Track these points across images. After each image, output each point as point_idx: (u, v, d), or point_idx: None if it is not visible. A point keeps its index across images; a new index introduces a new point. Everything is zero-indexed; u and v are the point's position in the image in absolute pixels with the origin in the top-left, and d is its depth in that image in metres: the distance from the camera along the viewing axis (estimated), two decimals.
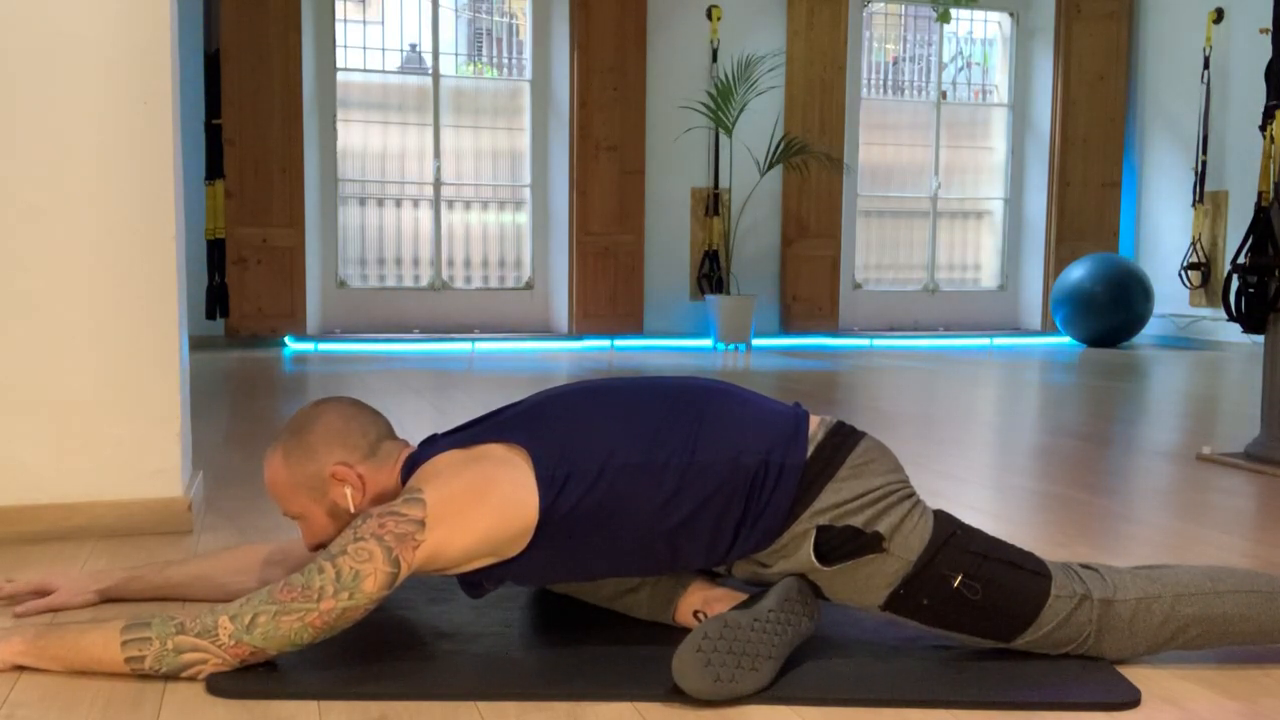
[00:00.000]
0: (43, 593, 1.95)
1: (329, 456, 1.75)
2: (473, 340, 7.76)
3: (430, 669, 1.66)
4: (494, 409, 1.84)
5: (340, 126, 7.79)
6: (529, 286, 8.28)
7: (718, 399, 1.77)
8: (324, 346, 7.42)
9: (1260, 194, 3.65)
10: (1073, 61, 8.80)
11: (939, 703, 1.57)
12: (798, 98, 8.32)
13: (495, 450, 1.69)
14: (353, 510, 1.76)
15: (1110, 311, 7.98)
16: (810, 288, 8.47)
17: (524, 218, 8.28)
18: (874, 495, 1.68)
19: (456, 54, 8.21)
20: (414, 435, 1.87)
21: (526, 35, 8.21)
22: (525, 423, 1.74)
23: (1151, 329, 8.46)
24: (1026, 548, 1.78)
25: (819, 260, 8.48)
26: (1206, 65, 8.18)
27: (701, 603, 1.80)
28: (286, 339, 7.43)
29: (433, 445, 1.77)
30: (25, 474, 2.41)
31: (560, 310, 8.17)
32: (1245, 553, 2.47)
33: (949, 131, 9.15)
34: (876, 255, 9.05)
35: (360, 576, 1.55)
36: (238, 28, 7.13)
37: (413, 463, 1.76)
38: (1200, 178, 8.25)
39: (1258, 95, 4.08)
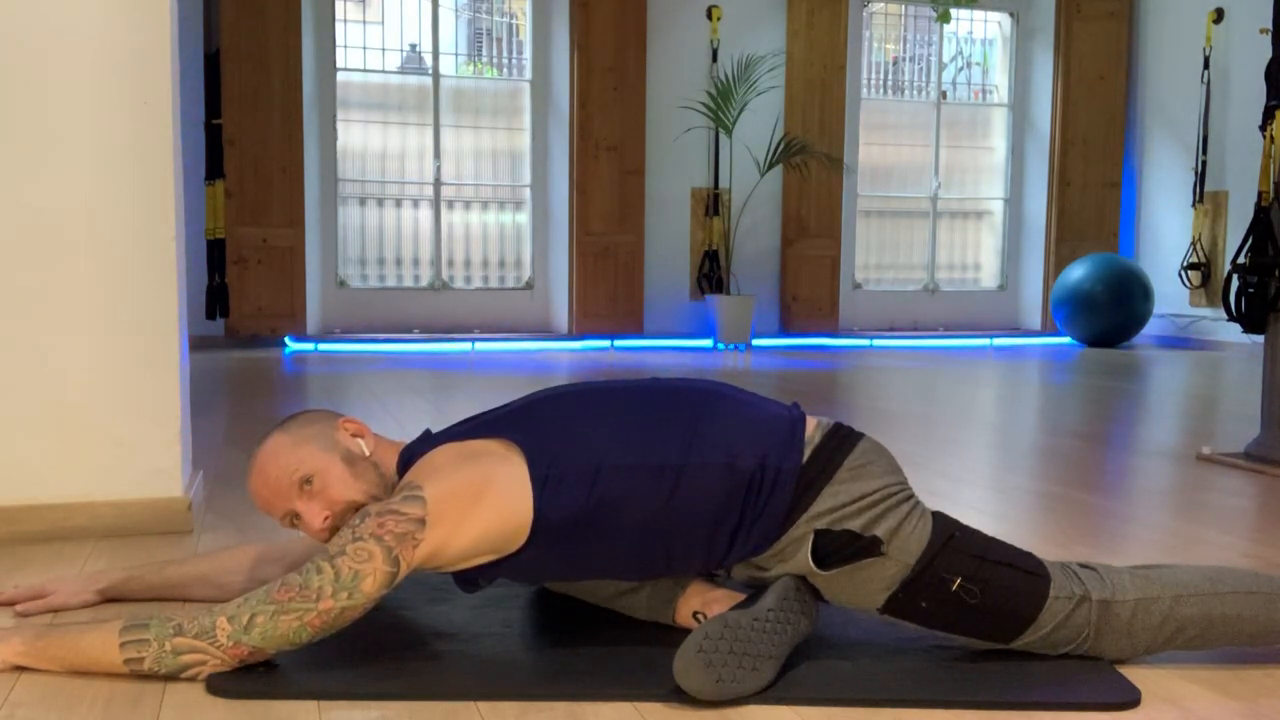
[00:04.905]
0: (41, 597, 1.94)
1: (333, 419, 1.79)
2: (473, 340, 7.76)
3: (430, 669, 1.66)
4: (489, 408, 1.84)
5: (340, 126, 7.78)
6: (529, 286, 8.28)
7: (714, 401, 1.76)
8: (324, 346, 7.42)
9: (1260, 194, 3.65)
10: (1073, 61, 8.80)
11: (939, 703, 1.57)
12: (798, 98, 8.32)
13: (491, 446, 1.69)
14: (367, 454, 1.75)
15: (1110, 311, 7.98)
16: (810, 288, 8.47)
17: (524, 218, 8.28)
18: (872, 498, 1.68)
19: (456, 54, 8.21)
20: (414, 435, 1.87)
21: (526, 35, 8.21)
22: (521, 422, 1.73)
23: (1151, 329, 8.46)
24: (1026, 548, 1.78)
25: (819, 260, 8.48)
26: (1206, 65, 8.18)
27: (701, 603, 1.80)
28: (286, 339, 7.43)
29: (428, 440, 1.77)
30: (25, 474, 2.41)
31: (560, 310, 8.17)
32: (1245, 553, 2.47)
33: (949, 131, 9.14)
34: (876, 255, 9.05)
35: (360, 577, 1.55)
36: (238, 28, 7.12)
37: (409, 455, 1.76)
38: (1200, 178, 8.25)
39: (1258, 95, 4.08)
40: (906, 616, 1.69)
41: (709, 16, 8.18)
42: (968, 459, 3.65)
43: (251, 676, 1.58)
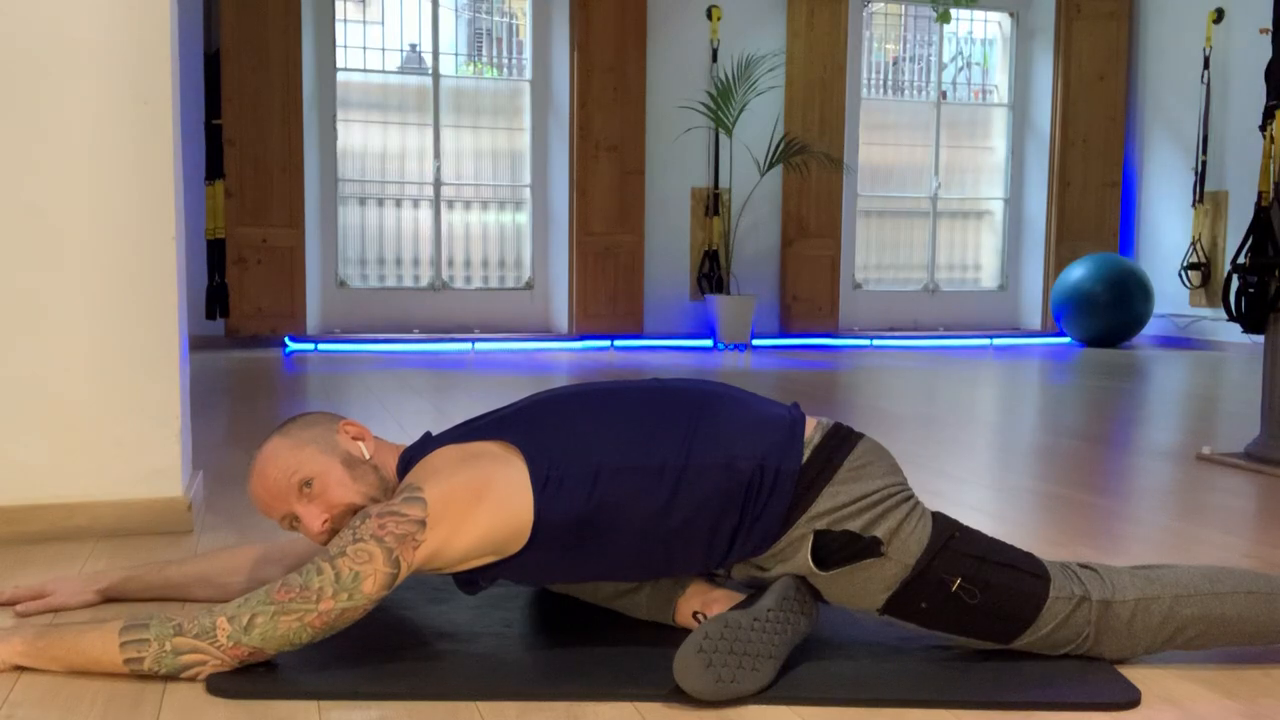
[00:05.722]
0: (41, 597, 1.94)
1: (333, 421, 1.78)
2: (473, 340, 7.76)
3: (430, 669, 1.66)
4: (489, 410, 1.84)
5: (340, 126, 7.78)
6: (529, 286, 8.28)
7: (713, 402, 1.76)
8: (324, 346, 7.42)
9: (1260, 194, 3.65)
10: (1073, 61, 8.80)
11: (939, 703, 1.57)
12: (798, 98, 8.32)
13: (491, 448, 1.69)
14: (367, 457, 1.75)
15: (1110, 311, 7.98)
16: (810, 288, 8.47)
17: (524, 218, 8.28)
18: (872, 499, 1.68)
19: (456, 54, 8.21)
20: (414, 435, 1.87)
21: (526, 35, 8.21)
22: (520, 423, 1.73)
23: (1151, 329, 8.46)
24: (1026, 548, 1.78)
25: (819, 260, 8.48)
26: (1206, 65, 8.18)
27: (700, 604, 1.80)
28: (286, 339, 7.43)
29: (428, 443, 1.77)
30: (25, 474, 2.41)
31: (560, 310, 8.17)
32: (1245, 553, 2.47)
33: (949, 131, 9.14)
34: (876, 255, 9.05)
35: (360, 578, 1.55)
36: (238, 28, 7.12)
37: (409, 458, 1.76)
38: (1200, 178, 8.25)
39: (1258, 95, 4.08)
40: (906, 617, 1.69)
41: (709, 16, 8.18)
42: (968, 459, 3.65)
43: (251, 676, 1.58)
